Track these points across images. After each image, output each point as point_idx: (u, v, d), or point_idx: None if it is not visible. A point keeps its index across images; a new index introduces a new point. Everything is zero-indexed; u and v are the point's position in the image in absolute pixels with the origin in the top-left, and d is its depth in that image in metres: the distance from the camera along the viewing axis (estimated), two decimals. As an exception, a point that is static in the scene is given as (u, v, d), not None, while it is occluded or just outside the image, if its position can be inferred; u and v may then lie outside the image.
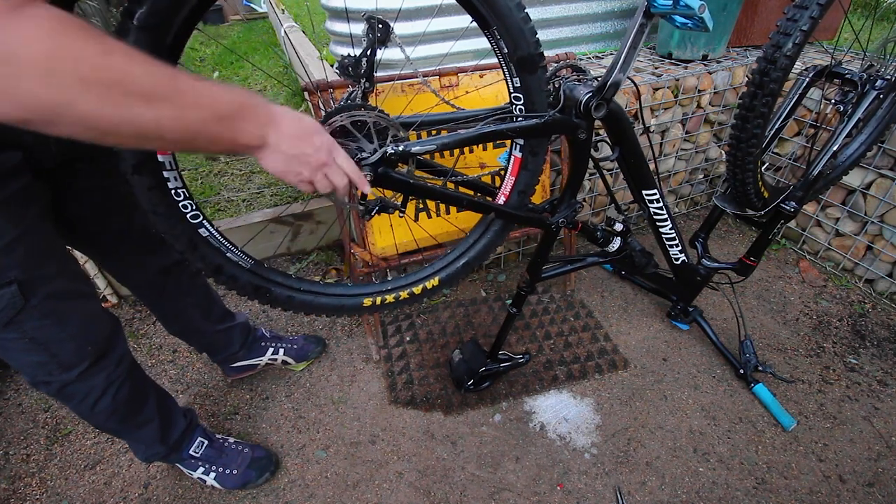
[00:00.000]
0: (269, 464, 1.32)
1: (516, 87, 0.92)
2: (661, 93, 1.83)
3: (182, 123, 0.51)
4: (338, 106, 0.81)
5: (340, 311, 1.01)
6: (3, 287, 0.79)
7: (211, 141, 0.55)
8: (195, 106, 0.52)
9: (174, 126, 0.51)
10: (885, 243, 1.77)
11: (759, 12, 1.94)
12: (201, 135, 0.54)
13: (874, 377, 1.54)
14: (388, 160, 0.84)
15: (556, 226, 1.17)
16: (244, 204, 2.24)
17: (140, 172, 0.72)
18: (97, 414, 1.04)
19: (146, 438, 1.18)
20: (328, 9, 1.87)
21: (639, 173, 1.23)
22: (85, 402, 1.01)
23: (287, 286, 0.95)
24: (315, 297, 0.98)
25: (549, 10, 1.90)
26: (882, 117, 1.41)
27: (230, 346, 1.47)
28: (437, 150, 0.88)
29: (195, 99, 0.52)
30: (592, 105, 0.95)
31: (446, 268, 1.10)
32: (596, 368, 1.60)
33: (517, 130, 0.93)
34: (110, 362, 1.01)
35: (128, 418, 1.11)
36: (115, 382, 1.03)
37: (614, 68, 0.93)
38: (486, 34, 0.86)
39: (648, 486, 1.29)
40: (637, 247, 1.40)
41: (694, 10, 0.80)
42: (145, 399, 1.14)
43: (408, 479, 1.33)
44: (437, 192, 0.96)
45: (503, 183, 1.08)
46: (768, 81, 1.01)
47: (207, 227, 0.83)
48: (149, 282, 1.22)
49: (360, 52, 0.80)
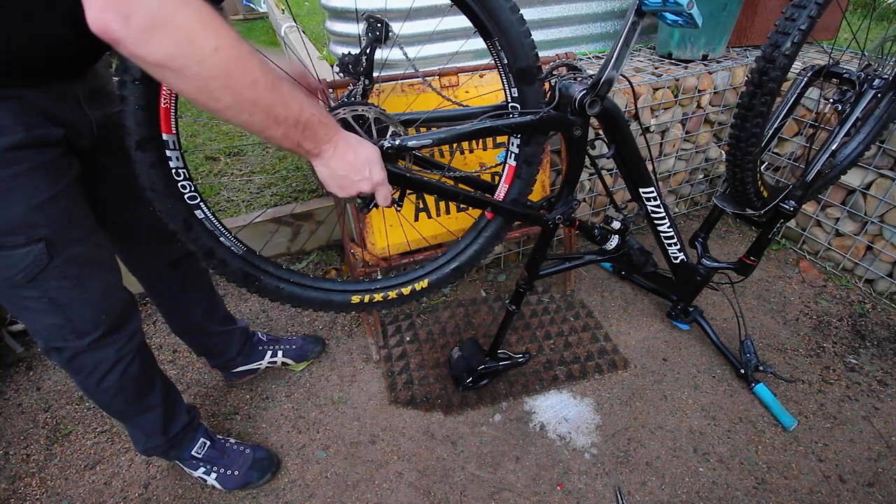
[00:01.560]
0: (270, 464, 1.32)
1: (514, 97, 0.95)
2: (661, 93, 1.83)
3: (272, 112, 0.62)
4: (339, 102, 0.82)
5: (328, 306, 1.01)
6: (31, 243, 0.82)
7: (284, 136, 0.66)
8: (284, 105, 0.63)
9: (265, 110, 0.62)
10: (885, 243, 1.77)
11: (759, 12, 1.94)
12: (279, 127, 0.64)
13: (874, 377, 1.54)
14: (384, 154, 0.84)
15: (553, 222, 1.18)
16: (244, 204, 2.24)
17: (143, 149, 0.73)
18: (103, 391, 1.05)
19: (148, 427, 1.18)
20: (328, 9, 1.87)
21: (635, 171, 1.24)
22: (93, 376, 1.02)
23: (277, 276, 0.95)
24: (303, 289, 0.98)
25: (548, 10, 1.90)
26: (880, 116, 1.41)
27: (228, 351, 1.47)
28: (432, 144, 0.89)
29: (287, 100, 0.63)
30: (587, 102, 0.96)
31: (436, 271, 1.10)
32: (596, 368, 1.60)
33: (513, 126, 0.95)
34: (123, 336, 1.02)
35: (133, 400, 1.11)
36: (124, 358, 1.04)
37: (607, 65, 0.94)
38: (488, 45, 0.89)
39: (648, 486, 1.29)
40: (635, 245, 1.40)
41: (682, 7, 0.81)
42: (152, 383, 1.15)
43: (408, 479, 1.33)
44: (434, 186, 0.97)
45: (497, 189, 1.09)
46: (767, 80, 1.02)
47: (204, 209, 0.84)
48: (158, 272, 1.24)
49: (360, 51, 0.81)
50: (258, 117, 0.62)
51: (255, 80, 0.59)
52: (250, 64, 0.58)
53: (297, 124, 0.65)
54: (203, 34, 0.53)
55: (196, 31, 0.53)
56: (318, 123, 0.69)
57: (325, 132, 0.70)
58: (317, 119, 0.68)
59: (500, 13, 0.84)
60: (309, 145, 0.70)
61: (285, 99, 0.63)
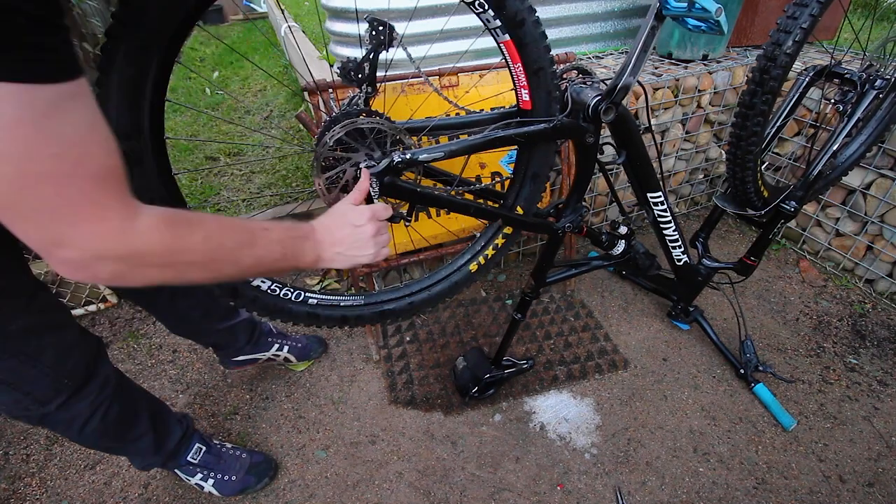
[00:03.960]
0: (267, 468, 1.32)
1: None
2: (661, 93, 1.83)
3: (260, 267, 0.65)
4: (341, 112, 0.79)
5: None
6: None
7: (280, 270, 0.68)
8: (267, 253, 0.65)
9: (253, 270, 0.65)
10: (885, 243, 1.77)
11: (759, 12, 1.94)
12: (273, 269, 0.67)
13: (874, 377, 1.54)
14: (394, 169, 0.82)
15: (562, 231, 1.15)
16: (244, 204, 2.24)
17: None
18: (87, 436, 1.00)
19: (142, 451, 1.16)
20: (328, 9, 1.87)
21: (644, 176, 1.22)
22: (72, 428, 0.97)
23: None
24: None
25: (548, 9, 1.90)
26: (882, 117, 1.41)
27: (235, 343, 1.46)
28: (444, 157, 0.86)
29: (266, 249, 0.65)
30: (602, 109, 0.92)
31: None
32: (596, 368, 1.60)
33: (526, 135, 0.91)
34: (93, 388, 0.97)
35: (120, 436, 1.07)
36: (101, 406, 0.99)
37: (624, 71, 0.91)
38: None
39: (648, 486, 1.29)
40: (641, 249, 1.39)
41: (710, 14, 0.77)
42: (137, 415, 1.10)
43: (408, 479, 1.33)
44: (445, 200, 0.94)
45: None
46: (768, 79, 1.02)
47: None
48: (147, 290, 1.20)
49: (363, 56, 0.77)
50: (250, 273, 0.65)
51: (234, 260, 0.60)
52: (223, 252, 0.59)
53: (284, 257, 0.67)
54: (175, 259, 0.54)
55: (169, 259, 0.53)
56: (296, 239, 0.69)
57: (304, 242, 0.70)
58: (292, 238, 0.68)
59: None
60: (305, 262, 0.70)
61: (264, 250, 0.64)
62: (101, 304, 1.88)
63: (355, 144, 0.81)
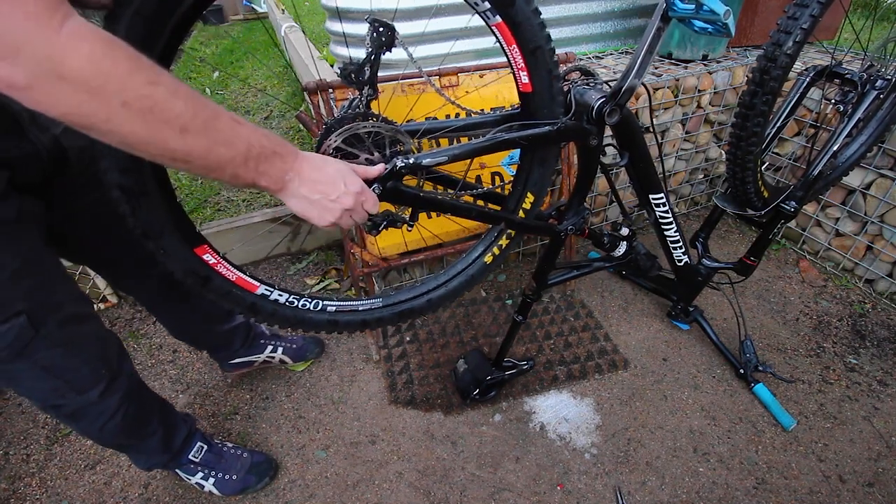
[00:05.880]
0: (268, 468, 1.32)
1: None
2: (661, 93, 1.83)
3: (210, 156, 0.56)
4: (341, 115, 0.78)
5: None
6: (10, 319, 0.76)
7: (234, 176, 0.59)
8: (226, 144, 0.56)
9: (202, 157, 0.55)
10: (885, 243, 1.77)
11: (759, 12, 1.94)
12: (225, 170, 0.58)
13: (874, 377, 1.54)
14: (397, 173, 0.80)
15: (564, 233, 1.15)
16: (244, 204, 2.24)
17: None
18: (106, 433, 1.02)
19: (149, 449, 1.17)
20: (328, 9, 1.87)
21: (647, 178, 1.21)
22: (95, 423, 0.99)
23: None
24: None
25: (548, 10, 1.89)
26: (882, 118, 1.41)
27: (231, 345, 1.47)
28: (448, 161, 0.84)
29: (229, 138, 0.56)
30: (606, 111, 0.91)
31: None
32: (596, 368, 1.60)
33: (530, 138, 0.90)
34: (123, 380, 1.00)
35: (135, 433, 1.09)
36: (125, 402, 1.01)
37: (629, 73, 0.90)
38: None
39: (648, 486, 1.29)
40: (642, 250, 1.39)
41: (719, 16, 0.76)
42: (151, 414, 1.13)
43: (408, 479, 1.33)
44: (447, 204, 0.93)
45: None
46: (769, 79, 1.01)
47: None
48: (151, 292, 1.21)
49: (364, 59, 0.76)
50: (198, 163, 0.55)
51: (183, 127, 0.51)
52: (171, 112, 0.50)
53: (246, 161, 0.58)
54: (105, 86, 0.45)
55: (96, 82, 0.45)
56: (273, 154, 0.61)
57: (282, 163, 0.62)
58: (270, 150, 0.60)
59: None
60: (267, 181, 0.62)
61: (226, 137, 0.56)
62: (101, 304, 1.88)
63: (355, 150, 0.80)
